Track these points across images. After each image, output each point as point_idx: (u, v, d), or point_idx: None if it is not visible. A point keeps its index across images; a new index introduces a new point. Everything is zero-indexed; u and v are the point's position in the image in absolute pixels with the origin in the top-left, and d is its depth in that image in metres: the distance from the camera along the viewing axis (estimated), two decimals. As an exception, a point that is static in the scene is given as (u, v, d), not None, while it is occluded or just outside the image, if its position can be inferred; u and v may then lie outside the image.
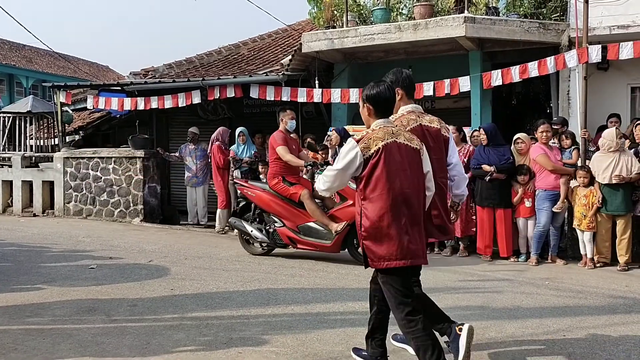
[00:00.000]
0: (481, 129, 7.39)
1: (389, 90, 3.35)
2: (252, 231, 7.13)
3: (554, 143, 7.23)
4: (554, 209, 6.80)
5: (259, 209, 7.24)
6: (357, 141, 3.20)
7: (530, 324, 4.39)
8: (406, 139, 3.27)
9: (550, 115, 8.98)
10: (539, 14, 8.64)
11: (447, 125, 3.82)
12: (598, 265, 6.67)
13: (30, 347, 3.81)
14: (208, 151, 9.83)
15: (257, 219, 7.30)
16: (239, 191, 7.65)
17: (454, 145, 3.81)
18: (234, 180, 8.44)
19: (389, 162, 3.14)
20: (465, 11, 8.49)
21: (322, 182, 3.40)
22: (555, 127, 7.55)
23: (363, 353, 3.59)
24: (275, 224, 7.01)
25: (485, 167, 6.98)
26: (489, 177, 6.93)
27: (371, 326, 3.55)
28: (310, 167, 7.03)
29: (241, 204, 7.51)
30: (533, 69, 7.71)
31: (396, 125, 3.40)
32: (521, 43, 8.43)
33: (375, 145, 3.15)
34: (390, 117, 3.41)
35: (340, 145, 8.00)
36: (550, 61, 7.57)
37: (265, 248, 7.29)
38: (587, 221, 6.62)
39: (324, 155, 8.35)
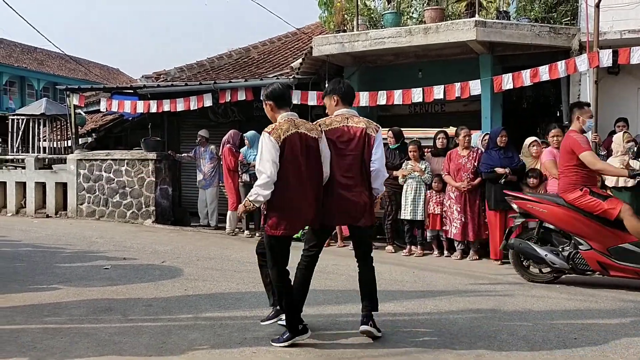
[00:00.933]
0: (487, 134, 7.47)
1: (282, 86, 4.14)
2: (546, 255, 5.87)
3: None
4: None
5: (545, 228, 6.07)
6: (269, 132, 3.83)
7: (542, 327, 4.42)
8: (307, 129, 3.98)
9: (561, 119, 8.99)
10: (550, 18, 8.67)
11: (377, 126, 4.27)
12: (609, 269, 6.66)
13: (48, 345, 3.88)
14: (220, 153, 9.92)
15: (543, 240, 6.09)
16: (516, 206, 6.26)
17: (380, 143, 4.22)
18: (507, 195, 6.58)
19: (292, 148, 3.83)
20: (476, 15, 8.53)
21: (260, 181, 3.80)
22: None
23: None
24: (580, 247, 5.73)
25: (499, 170, 7.00)
26: (503, 180, 6.95)
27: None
28: None
29: (518, 223, 6.29)
30: (544, 72, 7.74)
31: (298, 118, 4.08)
32: (532, 47, 8.46)
33: (283, 134, 3.83)
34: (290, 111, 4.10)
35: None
36: (561, 65, 7.60)
37: (554, 275, 6.07)
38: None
39: None
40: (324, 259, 7.21)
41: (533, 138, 7.37)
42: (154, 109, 10.80)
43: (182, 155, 10.93)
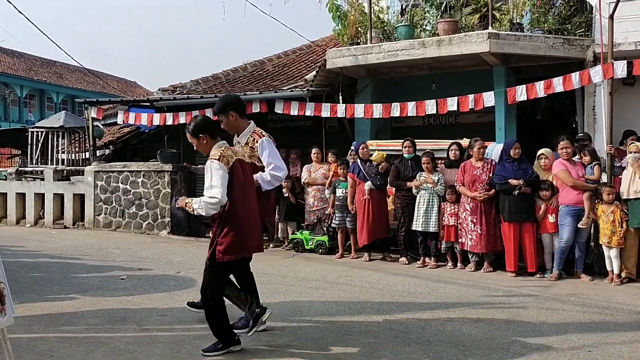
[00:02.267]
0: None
1: (206, 118, 4.29)
2: None
3: (578, 158, 7.21)
4: (579, 225, 6.76)
5: None
6: (218, 159, 3.88)
7: (556, 340, 4.39)
8: (242, 155, 4.16)
9: (576, 130, 8.95)
10: (564, 29, 8.65)
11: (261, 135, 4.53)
12: (624, 281, 6.61)
13: (65, 354, 3.95)
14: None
15: None
16: None
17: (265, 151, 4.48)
18: None
19: (238, 174, 3.98)
20: (490, 27, 8.55)
21: (210, 200, 3.86)
22: (584, 143, 7.55)
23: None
24: None
25: (513, 182, 6.98)
26: (517, 191, 6.93)
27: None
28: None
29: None
30: (558, 84, 7.72)
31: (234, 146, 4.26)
32: (546, 58, 8.46)
33: (231, 160, 3.95)
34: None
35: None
36: (575, 77, 7.57)
37: None
38: (617, 238, 6.57)
39: (343, 170, 8.46)
40: (337, 271, 7.29)
41: (541, 151, 7.35)
42: (170, 121, 10.94)
43: (198, 167, 11.04)
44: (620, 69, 7.11)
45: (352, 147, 9.01)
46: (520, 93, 8.06)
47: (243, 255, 4.13)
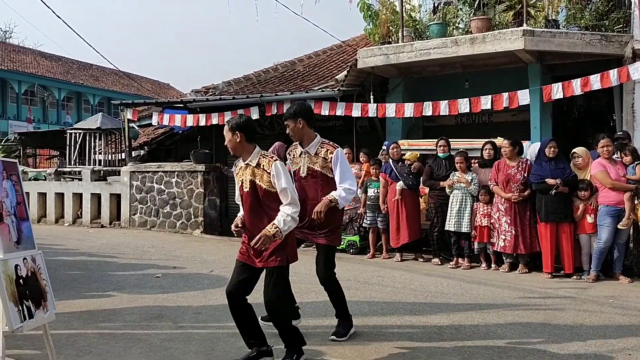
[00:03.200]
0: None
1: (251, 121, 4.08)
2: None
3: (618, 157, 7.01)
4: (619, 226, 6.58)
5: None
6: (282, 162, 3.86)
7: (594, 343, 4.29)
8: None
9: (614, 128, 8.72)
10: (601, 25, 8.45)
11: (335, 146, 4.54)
12: (667, 284, 6.42)
13: (104, 350, 4.05)
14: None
15: None
16: None
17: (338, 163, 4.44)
18: None
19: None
20: (524, 24, 8.41)
21: (294, 208, 3.72)
22: (623, 141, 7.35)
23: None
24: None
25: (550, 181, 6.85)
26: (554, 191, 6.80)
27: None
28: None
29: None
30: (595, 81, 7.55)
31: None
32: (582, 55, 8.27)
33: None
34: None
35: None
36: (613, 74, 7.39)
37: None
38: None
39: (376, 170, 8.43)
40: (368, 271, 7.26)
41: (574, 150, 7.18)
42: (202, 122, 11.10)
43: (229, 169, 11.17)
44: (661, 65, 6.91)
45: (384, 147, 8.98)
46: (557, 91, 7.91)
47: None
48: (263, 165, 3.78)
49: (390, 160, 8.25)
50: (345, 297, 4.57)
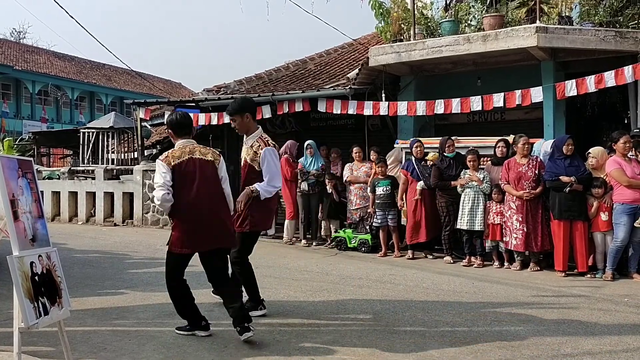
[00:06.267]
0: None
1: (182, 115, 4.49)
2: None
3: (633, 155, 6.93)
4: (635, 224, 6.51)
5: None
6: (162, 160, 4.24)
7: (609, 341, 4.25)
8: (201, 153, 4.33)
9: (628, 126, 8.62)
10: (615, 22, 8.35)
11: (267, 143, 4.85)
12: (683, 283, 6.33)
13: (117, 347, 4.08)
14: (277, 164, 10.09)
15: None
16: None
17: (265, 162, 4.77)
18: None
19: (183, 173, 4.19)
20: (537, 21, 8.33)
21: (156, 196, 4.22)
22: (639, 138, 7.27)
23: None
24: None
25: (564, 178, 6.78)
26: (568, 189, 6.74)
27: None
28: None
29: None
30: (609, 78, 7.47)
31: (194, 143, 4.39)
32: (596, 52, 8.17)
33: (173, 161, 4.21)
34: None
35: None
36: (627, 70, 7.31)
37: None
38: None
39: (382, 169, 8.43)
40: (380, 269, 7.26)
41: (589, 151, 7.11)
42: (214, 121, 11.13)
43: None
44: (676, 62, 6.82)
45: (396, 145, 8.95)
46: (570, 88, 7.83)
47: (190, 252, 4.33)
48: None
49: (413, 159, 8.22)
50: (255, 282, 5.01)
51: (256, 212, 4.74)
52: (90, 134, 13.86)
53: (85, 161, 13.82)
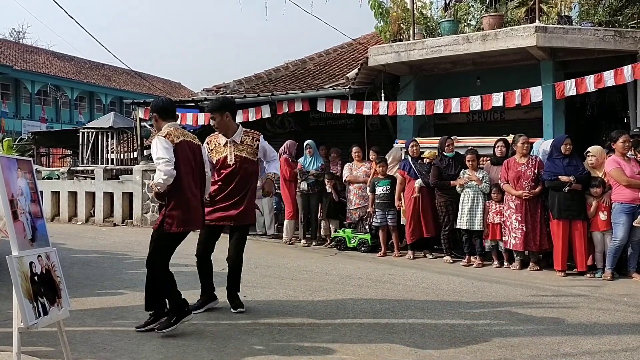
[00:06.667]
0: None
1: (166, 100, 4.66)
2: None
3: (632, 155, 6.93)
4: (634, 224, 6.51)
5: None
6: (164, 136, 4.26)
7: (608, 341, 4.26)
8: (191, 137, 4.50)
9: (628, 125, 8.63)
10: (615, 21, 8.36)
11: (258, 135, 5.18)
12: (682, 282, 6.34)
13: (117, 347, 4.08)
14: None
15: None
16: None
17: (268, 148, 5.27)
18: None
19: (183, 153, 4.29)
20: (537, 21, 8.34)
21: (162, 168, 4.16)
22: (639, 138, 7.27)
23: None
24: None
25: (563, 178, 6.79)
26: (567, 188, 6.74)
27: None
28: None
29: None
30: (609, 78, 7.48)
31: (182, 128, 4.55)
32: (595, 52, 8.18)
33: (176, 139, 4.28)
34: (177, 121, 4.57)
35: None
36: (627, 70, 7.32)
37: None
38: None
39: (382, 168, 8.43)
40: (380, 269, 7.26)
41: (588, 149, 7.11)
42: (214, 121, 11.11)
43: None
44: (676, 61, 6.83)
45: (395, 144, 8.96)
46: (570, 88, 7.84)
47: (187, 231, 4.47)
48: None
49: (409, 158, 8.23)
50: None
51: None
52: (90, 134, 13.85)
53: (85, 161, 13.82)
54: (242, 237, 5.31)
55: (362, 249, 8.73)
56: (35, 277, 3.42)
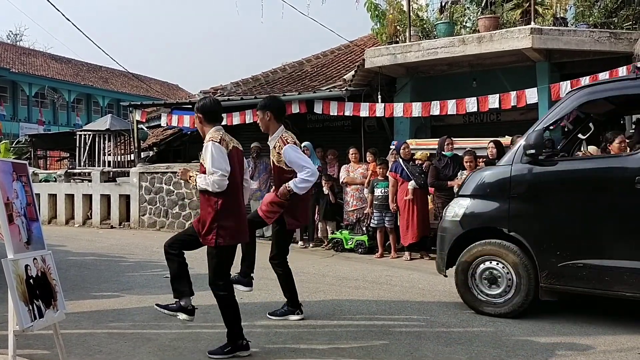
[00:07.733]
0: None
1: (214, 101, 4.21)
2: None
3: (628, 156, 6.95)
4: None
5: None
6: (218, 142, 3.86)
7: (603, 341, 4.27)
8: (235, 143, 4.10)
9: (624, 127, 8.65)
10: (610, 23, 8.39)
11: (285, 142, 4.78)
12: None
13: (113, 349, 4.08)
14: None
15: None
16: None
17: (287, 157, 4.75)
18: None
19: (233, 160, 3.92)
20: (532, 22, 8.37)
21: (217, 181, 3.79)
22: None
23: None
24: None
25: None
26: None
27: None
28: None
29: None
30: (604, 79, 7.48)
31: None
32: (591, 53, 8.22)
33: (230, 145, 3.96)
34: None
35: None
36: (622, 71, 7.34)
37: None
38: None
39: (382, 170, 8.43)
40: (377, 270, 7.26)
41: (588, 147, 7.15)
42: (211, 123, 11.12)
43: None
44: (671, 62, 6.85)
45: (392, 146, 8.97)
46: (565, 89, 7.87)
47: (240, 241, 4.24)
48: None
49: (401, 160, 8.24)
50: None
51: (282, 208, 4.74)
52: (87, 136, 13.84)
53: (82, 164, 13.80)
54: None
55: (359, 250, 8.74)
56: (31, 280, 3.42)
